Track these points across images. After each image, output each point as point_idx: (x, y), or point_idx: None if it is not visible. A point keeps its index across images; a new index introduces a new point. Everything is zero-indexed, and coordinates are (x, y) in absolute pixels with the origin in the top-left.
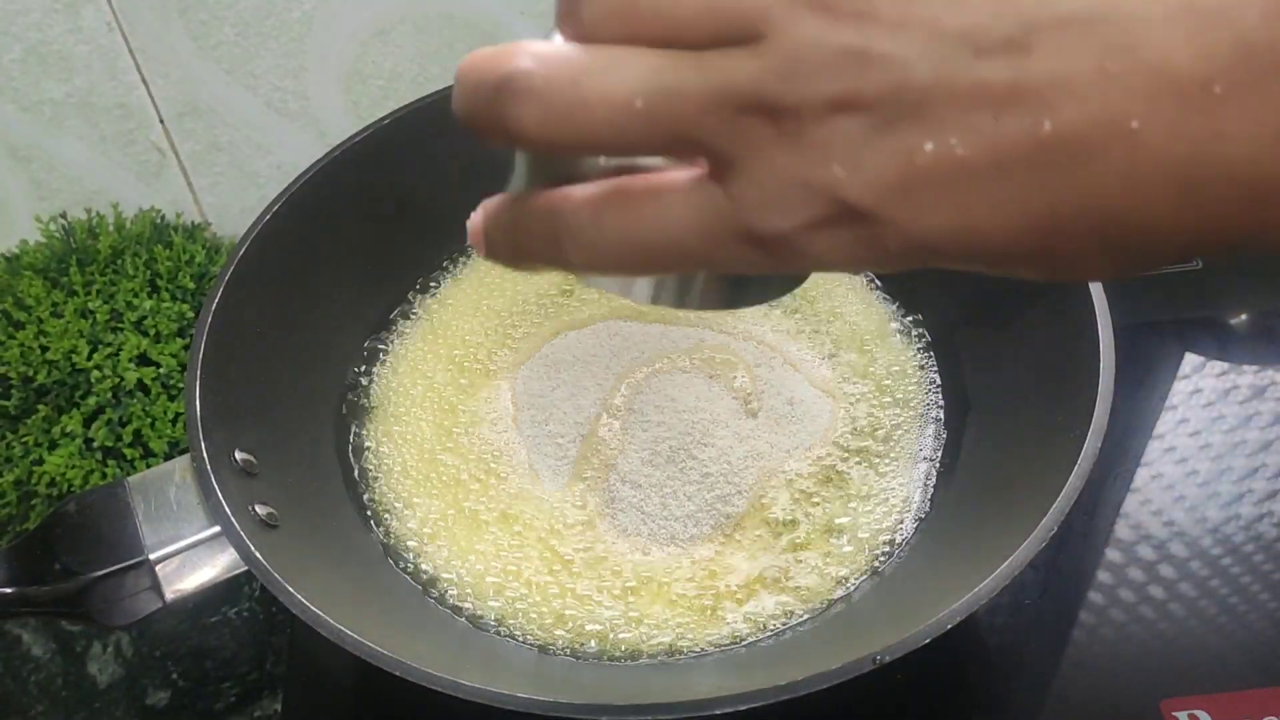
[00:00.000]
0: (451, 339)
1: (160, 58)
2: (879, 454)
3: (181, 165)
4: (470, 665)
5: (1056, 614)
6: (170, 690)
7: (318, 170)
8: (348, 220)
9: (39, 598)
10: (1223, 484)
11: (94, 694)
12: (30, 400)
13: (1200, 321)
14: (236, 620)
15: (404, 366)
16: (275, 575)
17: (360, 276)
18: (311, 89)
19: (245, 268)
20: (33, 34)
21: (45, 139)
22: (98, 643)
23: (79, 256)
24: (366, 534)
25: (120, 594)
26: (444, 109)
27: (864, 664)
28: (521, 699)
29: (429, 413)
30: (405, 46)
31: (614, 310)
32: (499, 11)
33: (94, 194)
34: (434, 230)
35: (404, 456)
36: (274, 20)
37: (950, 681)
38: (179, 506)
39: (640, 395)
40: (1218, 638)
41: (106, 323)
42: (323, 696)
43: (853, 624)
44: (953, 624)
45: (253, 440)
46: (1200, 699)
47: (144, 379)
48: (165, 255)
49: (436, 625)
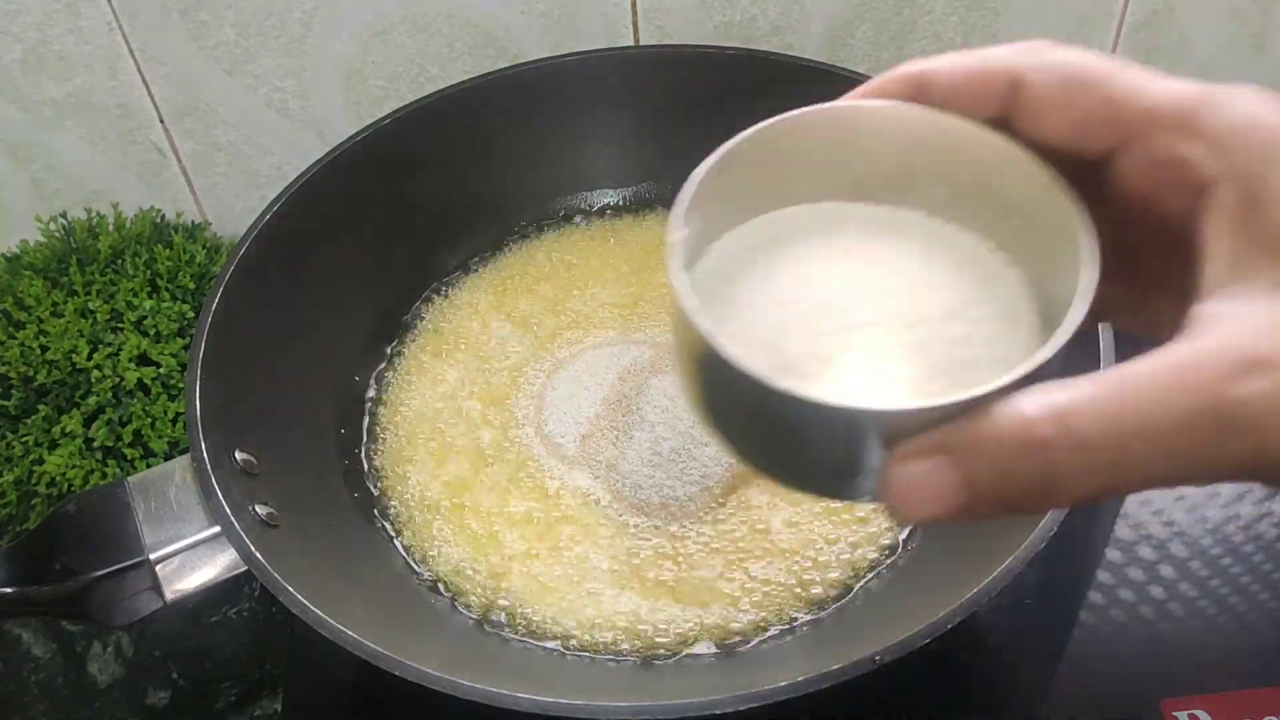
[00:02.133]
0: (452, 339)
1: (161, 58)
2: None
3: (182, 165)
4: (471, 665)
5: (1056, 614)
6: (170, 690)
7: (318, 170)
8: (348, 220)
9: (39, 598)
10: (1223, 483)
11: (94, 694)
12: (30, 400)
13: None
14: (237, 620)
15: (404, 366)
16: (275, 575)
17: (360, 276)
18: (312, 89)
19: (245, 268)
20: (33, 34)
21: (46, 139)
22: (98, 643)
23: (79, 256)
24: (367, 533)
25: (120, 594)
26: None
27: (864, 664)
28: (522, 699)
29: (429, 413)
30: (405, 47)
31: (614, 312)
32: (499, 12)
33: (94, 194)
34: (434, 229)
35: (404, 456)
36: (274, 20)
37: (951, 682)
38: (179, 506)
39: (641, 396)
40: (1218, 638)
41: (107, 322)
42: (323, 696)
43: (853, 624)
44: (953, 624)
45: (253, 440)
46: (1200, 699)
47: (144, 379)
48: (165, 255)
49: (437, 625)
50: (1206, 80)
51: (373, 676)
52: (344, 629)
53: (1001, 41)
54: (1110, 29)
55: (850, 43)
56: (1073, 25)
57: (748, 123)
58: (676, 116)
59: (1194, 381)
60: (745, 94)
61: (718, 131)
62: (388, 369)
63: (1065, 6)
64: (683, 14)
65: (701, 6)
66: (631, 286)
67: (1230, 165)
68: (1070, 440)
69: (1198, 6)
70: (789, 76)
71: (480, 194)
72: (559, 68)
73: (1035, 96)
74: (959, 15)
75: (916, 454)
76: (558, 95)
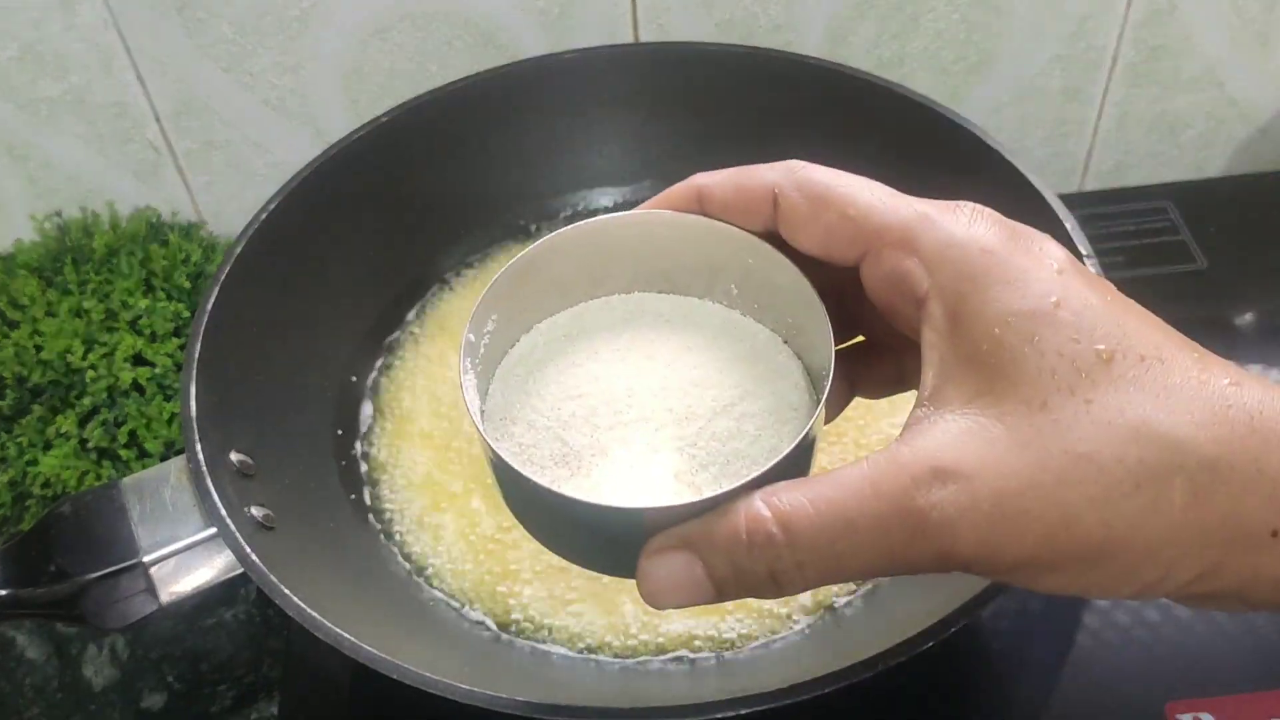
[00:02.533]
0: (451, 340)
1: (157, 55)
2: None
3: (178, 163)
4: (468, 668)
5: (1060, 617)
6: (166, 693)
7: (315, 169)
8: (345, 219)
9: (33, 600)
10: None
11: (89, 697)
12: (25, 400)
13: (1205, 321)
14: (232, 623)
15: (403, 367)
16: (271, 578)
17: (358, 275)
18: (309, 87)
19: (241, 267)
20: (28, 32)
21: (41, 137)
22: (93, 645)
23: (74, 255)
24: (364, 536)
25: (115, 596)
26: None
27: (866, 668)
28: (520, 702)
29: (428, 414)
30: (403, 44)
31: None
32: (498, 9)
33: (89, 192)
34: (432, 228)
35: (402, 458)
36: (271, 18)
37: (953, 685)
38: (174, 508)
39: None
40: (1223, 641)
41: (101, 322)
42: (319, 700)
43: (855, 627)
44: (956, 627)
45: (249, 441)
46: (1205, 702)
47: (139, 379)
48: (161, 254)
49: (434, 628)
50: (1209, 79)
51: (369, 679)
52: (340, 632)
53: (1004, 39)
54: (1114, 26)
55: (852, 40)
56: (1075, 24)
57: (748, 121)
58: (677, 114)
59: (888, 489)
60: (746, 92)
61: (718, 130)
62: (385, 369)
63: (1068, 4)
64: (683, 11)
65: (702, 3)
66: None
67: (937, 282)
68: (789, 539)
69: (1201, 3)
70: (790, 74)
71: (478, 192)
72: (558, 65)
73: (788, 211)
74: (961, 12)
75: (662, 549)
76: (557, 93)
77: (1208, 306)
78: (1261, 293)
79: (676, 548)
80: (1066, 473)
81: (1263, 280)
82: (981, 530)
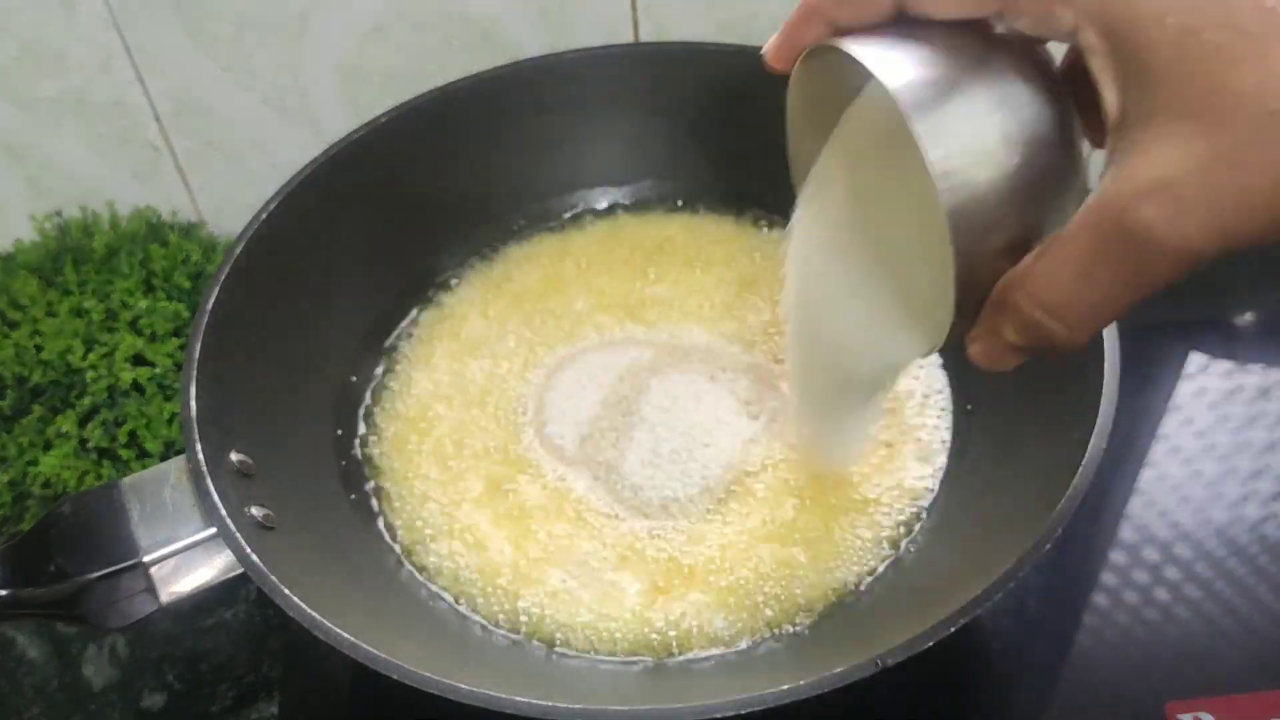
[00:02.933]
0: (452, 340)
1: (156, 55)
2: (881, 457)
3: (177, 163)
4: (467, 668)
5: (1060, 616)
6: (166, 693)
7: (315, 168)
8: (345, 218)
9: (33, 600)
10: (1228, 485)
11: (89, 697)
12: (25, 400)
13: (1206, 321)
14: (233, 623)
15: (402, 367)
16: (271, 577)
17: (358, 275)
18: (309, 86)
19: (241, 266)
20: (28, 31)
21: (40, 137)
22: (93, 645)
23: (74, 255)
24: (364, 536)
25: (115, 596)
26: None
27: (866, 667)
28: (520, 703)
29: (428, 414)
30: (403, 44)
31: (614, 312)
32: (497, 9)
33: (89, 192)
34: (432, 228)
35: (402, 458)
36: (271, 17)
37: (954, 685)
38: (174, 508)
39: (641, 396)
40: (1223, 640)
41: (101, 322)
42: (319, 700)
43: (855, 627)
44: (956, 626)
45: (249, 441)
46: (1205, 702)
47: (139, 379)
48: (161, 254)
49: (434, 628)
50: None
51: (369, 679)
52: (340, 631)
53: None
54: None
55: None
56: None
57: (747, 122)
58: (677, 114)
59: (1108, 222)
60: (746, 91)
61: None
62: (385, 369)
63: None
64: (683, 10)
65: (702, 3)
66: (631, 286)
67: (1081, 9)
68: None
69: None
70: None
71: (478, 192)
72: (558, 65)
73: None
74: None
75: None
76: (557, 93)
77: (1209, 306)
78: (1262, 292)
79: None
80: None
81: (1264, 279)
82: (1207, 214)
